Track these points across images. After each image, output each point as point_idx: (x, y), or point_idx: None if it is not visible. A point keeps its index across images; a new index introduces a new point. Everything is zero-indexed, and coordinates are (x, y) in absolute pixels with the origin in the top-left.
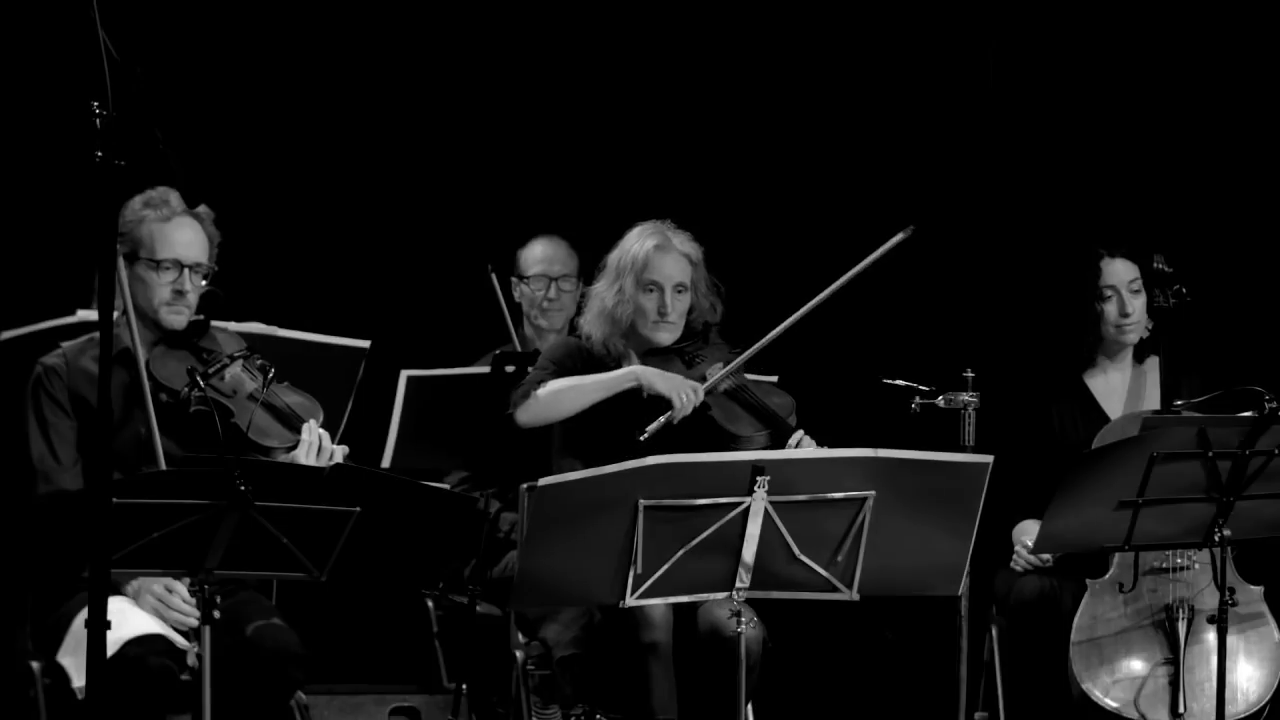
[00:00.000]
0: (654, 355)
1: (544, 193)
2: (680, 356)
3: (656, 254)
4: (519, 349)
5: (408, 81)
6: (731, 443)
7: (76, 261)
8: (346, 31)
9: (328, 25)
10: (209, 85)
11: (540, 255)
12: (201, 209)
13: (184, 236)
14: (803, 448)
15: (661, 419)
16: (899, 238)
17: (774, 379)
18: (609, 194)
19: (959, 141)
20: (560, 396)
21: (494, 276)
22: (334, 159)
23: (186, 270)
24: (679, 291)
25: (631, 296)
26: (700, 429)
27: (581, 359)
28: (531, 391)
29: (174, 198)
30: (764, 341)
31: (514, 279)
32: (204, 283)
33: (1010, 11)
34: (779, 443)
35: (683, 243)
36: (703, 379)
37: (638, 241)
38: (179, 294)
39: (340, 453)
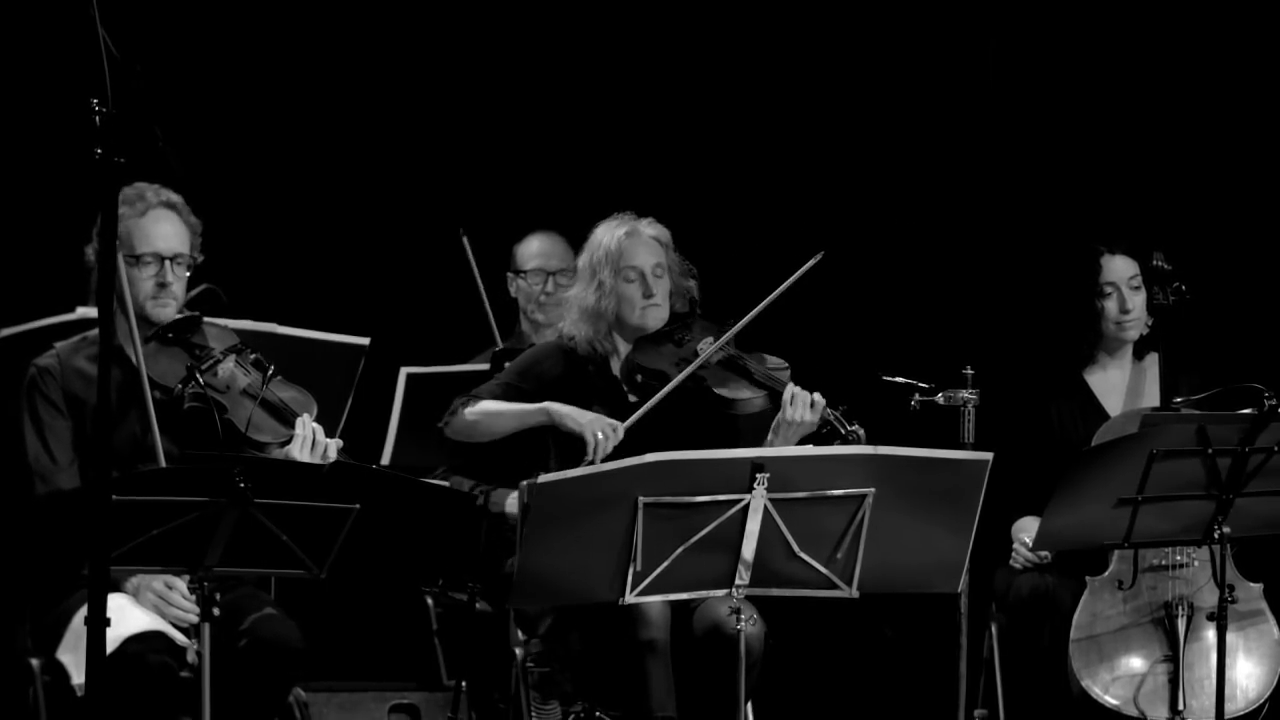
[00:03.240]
0: (646, 341)
1: (544, 190)
2: (670, 339)
3: (629, 241)
4: (493, 324)
5: (406, 79)
6: (728, 408)
7: (76, 259)
8: (346, 30)
9: (327, 24)
10: (208, 83)
11: (537, 250)
12: (178, 198)
13: (161, 229)
14: (798, 401)
15: (584, 463)
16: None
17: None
18: (608, 191)
19: (959, 139)
20: (480, 422)
21: (465, 240)
22: (334, 157)
23: (167, 262)
24: (658, 275)
25: (613, 288)
26: (699, 399)
27: (562, 362)
28: (460, 409)
29: (149, 192)
30: (753, 314)
31: (510, 275)
32: (188, 273)
33: (1010, 11)
34: (777, 403)
35: (650, 226)
36: (694, 354)
37: (607, 235)
38: (162, 286)
39: (335, 446)
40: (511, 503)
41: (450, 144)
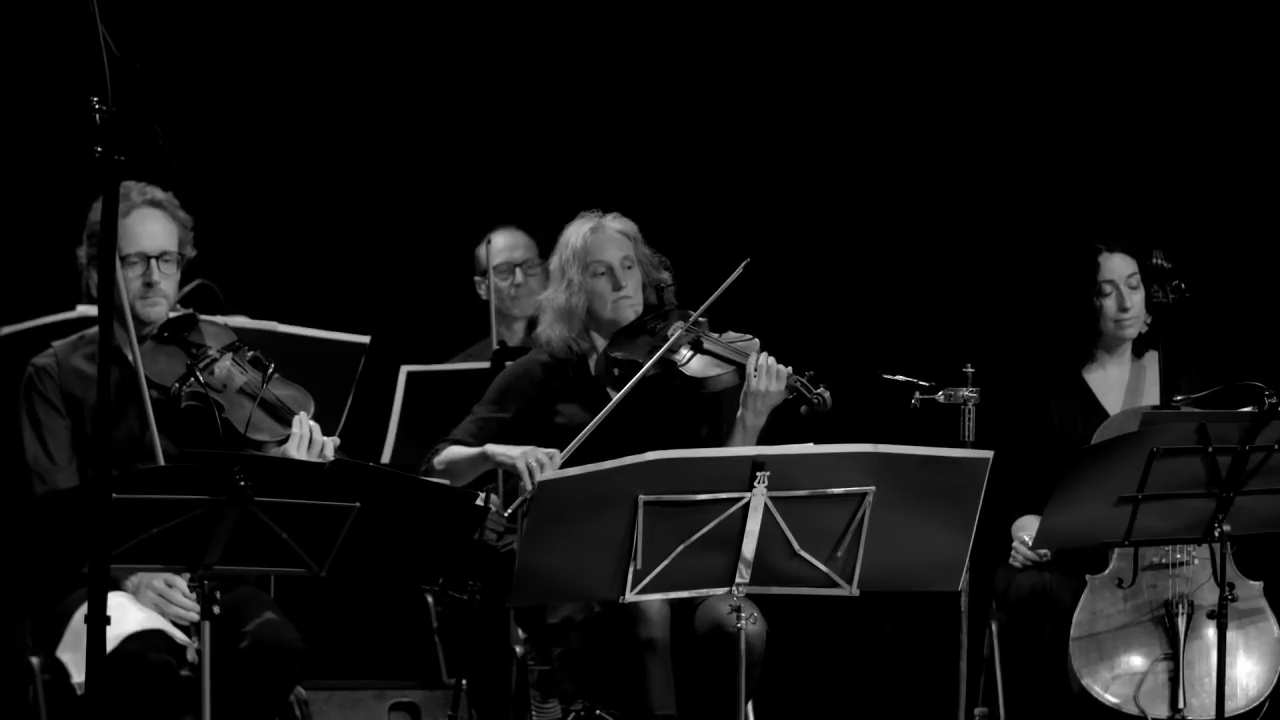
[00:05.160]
0: (621, 334)
1: (544, 187)
2: (644, 330)
3: (595, 237)
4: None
5: (405, 78)
6: (700, 387)
7: (75, 258)
8: (344, 29)
9: (326, 24)
10: (208, 81)
11: (501, 245)
12: (164, 195)
13: (146, 228)
14: (764, 366)
15: (520, 498)
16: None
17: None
18: (606, 189)
19: (959, 138)
20: (446, 474)
21: (488, 246)
22: (334, 156)
23: (153, 261)
24: (627, 267)
25: (582, 285)
26: (672, 383)
27: (540, 374)
28: (431, 460)
29: (134, 191)
30: (715, 295)
31: (478, 278)
32: (178, 270)
33: (1010, 10)
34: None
35: (616, 220)
36: (665, 339)
37: (574, 234)
38: (149, 285)
39: (332, 445)
40: None
41: (450, 142)
